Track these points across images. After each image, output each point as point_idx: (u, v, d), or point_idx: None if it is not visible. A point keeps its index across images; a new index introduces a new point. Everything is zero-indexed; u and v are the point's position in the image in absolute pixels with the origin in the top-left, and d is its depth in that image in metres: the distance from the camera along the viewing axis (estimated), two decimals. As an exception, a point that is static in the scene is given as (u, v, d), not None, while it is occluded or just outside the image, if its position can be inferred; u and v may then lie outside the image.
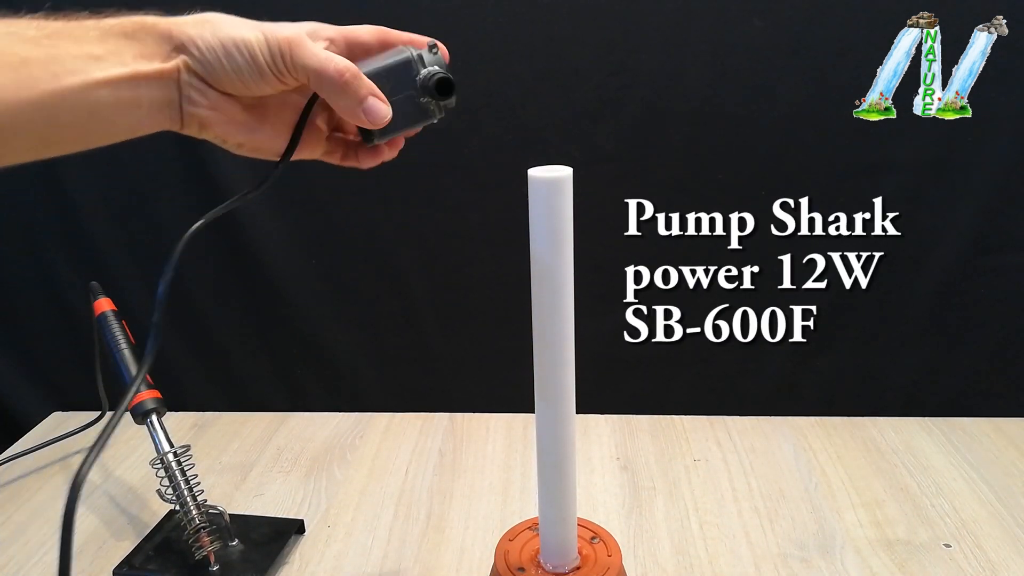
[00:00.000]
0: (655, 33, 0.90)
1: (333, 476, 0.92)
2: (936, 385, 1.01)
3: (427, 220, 0.99)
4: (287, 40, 0.44)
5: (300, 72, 0.45)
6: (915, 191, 0.93)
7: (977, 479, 0.87)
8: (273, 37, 0.44)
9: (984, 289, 0.96)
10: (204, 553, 0.72)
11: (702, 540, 0.79)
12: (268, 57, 0.44)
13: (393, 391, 1.07)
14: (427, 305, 1.03)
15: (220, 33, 0.43)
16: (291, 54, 0.44)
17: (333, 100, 0.46)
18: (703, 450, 0.95)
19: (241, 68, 0.44)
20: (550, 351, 0.52)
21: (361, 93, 0.46)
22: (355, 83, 0.46)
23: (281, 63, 0.44)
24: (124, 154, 0.99)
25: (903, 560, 0.75)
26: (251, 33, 0.43)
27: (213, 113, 0.45)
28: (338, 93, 0.46)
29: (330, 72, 0.45)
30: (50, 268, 1.03)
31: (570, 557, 0.56)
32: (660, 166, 0.95)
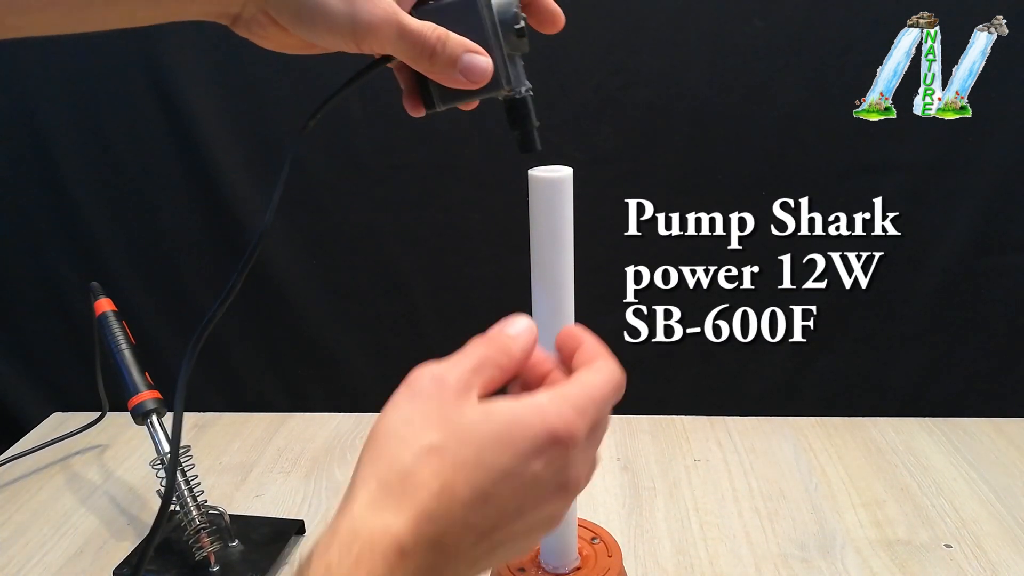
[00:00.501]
0: (655, 33, 0.90)
1: (333, 477, 0.92)
2: (936, 385, 1.01)
3: (427, 220, 0.99)
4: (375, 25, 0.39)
5: (390, 50, 0.40)
6: (915, 191, 0.93)
7: (977, 479, 0.87)
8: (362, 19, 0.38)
9: (984, 289, 0.96)
10: (204, 554, 0.72)
11: (702, 540, 0.79)
12: (351, 38, 0.39)
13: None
14: (427, 305, 1.03)
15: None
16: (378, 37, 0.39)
17: (427, 71, 0.41)
18: (703, 450, 0.95)
19: (313, 32, 0.39)
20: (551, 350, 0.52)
21: (454, 53, 0.40)
22: (447, 46, 0.40)
23: (368, 45, 0.39)
24: (124, 154, 0.99)
25: (903, 560, 0.75)
26: (337, 7, 0.38)
27: (267, 41, 0.42)
28: (431, 61, 0.40)
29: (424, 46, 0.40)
30: (50, 268, 1.03)
31: (570, 558, 0.56)
32: (660, 166, 0.95)
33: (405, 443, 0.32)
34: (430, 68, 0.41)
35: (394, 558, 0.29)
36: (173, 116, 0.96)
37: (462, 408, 0.33)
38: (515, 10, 0.41)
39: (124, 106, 0.97)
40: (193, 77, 0.95)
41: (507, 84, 0.42)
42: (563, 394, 0.34)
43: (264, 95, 0.96)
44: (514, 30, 0.41)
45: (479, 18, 0.41)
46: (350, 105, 0.94)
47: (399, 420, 0.34)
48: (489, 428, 0.32)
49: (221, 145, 0.97)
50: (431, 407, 0.33)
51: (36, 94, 0.97)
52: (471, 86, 0.41)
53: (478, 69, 0.41)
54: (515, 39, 0.42)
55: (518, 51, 0.43)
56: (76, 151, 0.99)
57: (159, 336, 1.04)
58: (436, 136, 0.95)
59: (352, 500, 0.31)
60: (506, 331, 0.38)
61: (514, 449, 0.32)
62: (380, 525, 0.30)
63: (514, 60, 0.43)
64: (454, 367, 0.35)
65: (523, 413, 0.33)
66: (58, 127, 0.98)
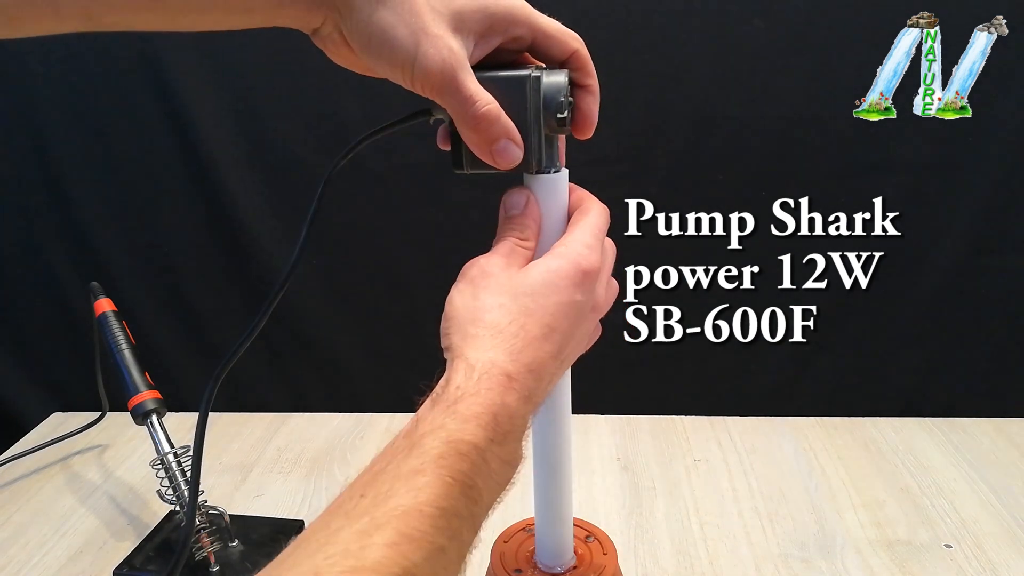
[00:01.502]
0: (655, 33, 0.90)
1: (333, 477, 0.92)
2: (936, 385, 1.01)
3: (427, 220, 0.99)
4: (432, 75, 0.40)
5: (439, 101, 0.42)
6: (915, 191, 0.93)
7: (977, 479, 0.87)
8: (422, 64, 0.39)
9: (984, 289, 0.96)
10: (204, 554, 0.72)
11: (702, 540, 0.79)
12: (409, 74, 0.40)
13: (393, 391, 1.07)
14: (427, 305, 1.02)
15: (376, 21, 0.39)
16: (433, 85, 0.40)
17: (465, 135, 0.43)
18: (703, 450, 0.95)
19: (379, 63, 0.40)
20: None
21: (496, 135, 0.42)
22: (494, 126, 0.42)
23: (419, 86, 0.41)
24: (124, 154, 0.99)
25: (903, 560, 0.75)
26: (404, 40, 0.39)
27: (340, 59, 0.43)
28: (472, 129, 0.42)
29: (469, 114, 0.41)
30: (50, 268, 1.03)
31: (566, 557, 0.56)
32: (660, 166, 0.95)
33: (480, 311, 0.42)
34: (468, 134, 0.43)
35: (504, 381, 0.39)
36: (173, 116, 0.96)
37: (510, 274, 0.43)
38: (562, 98, 0.43)
39: (124, 106, 0.97)
40: (193, 77, 0.95)
41: (537, 165, 0.44)
42: (576, 238, 0.44)
43: (264, 96, 0.96)
44: (556, 118, 0.43)
45: (524, 99, 0.42)
46: (350, 105, 0.94)
47: (466, 304, 0.44)
48: (536, 279, 0.42)
49: (221, 145, 0.97)
50: (488, 283, 0.43)
51: (36, 94, 0.97)
52: (496, 167, 0.44)
53: (509, 157, 0.43)
54: (556, 125, 0.43)
55: (557, 134, 0.45)
56: (76, 151, 0.99)
57: (159, 336, 1.04)
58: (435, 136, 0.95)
59: (459, 355, 0.42)
60: (511, 212, 0.47)
61: (558, 288, 0.42)
62: (488, 359, 0.40)
63: (552, 142, 0.45)
64: (491, 258, 0.45)
65: (554, 262, 0.43)
66: (58, 127, 0.98)
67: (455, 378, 0.40)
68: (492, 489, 0.39)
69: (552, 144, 0.45)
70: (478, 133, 0.42)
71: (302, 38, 0.44)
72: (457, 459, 0.36)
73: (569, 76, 0.43)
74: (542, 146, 0.44)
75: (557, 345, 0.42)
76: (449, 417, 0.38)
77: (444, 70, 0.40)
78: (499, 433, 0.38)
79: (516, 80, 0.42)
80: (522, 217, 0.47)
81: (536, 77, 0.42)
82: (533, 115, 0.43)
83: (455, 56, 0.40)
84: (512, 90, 0.42)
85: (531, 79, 0.42)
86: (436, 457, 0.36)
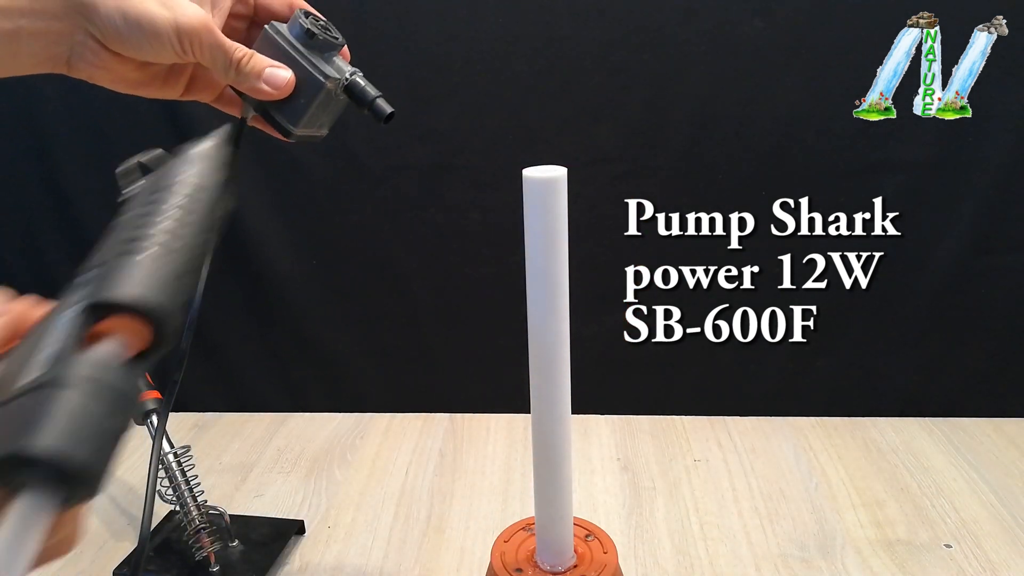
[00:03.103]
0: (655, 33, 0.90)
1: (333, 477, 0.92)
2: (936, 385, 1.01)
3: (427, 220, 0.99)
4: (196, 29, 0.42)
5: (205, 58, 0.44)
6: (915, 191, 0.93)
7: (977, 479, 0.87)
8: (184, 23, 0.42)
9: (984, 289, 0.96)
10: (204, 554, 0.72)
11: (702, 540, 0.79)
12: (175, 41, 0.42)
13: (393, 391, 1.07)
14: (427, 305, 1.03)
15: (125, 5, 0.41)
16: (199, 43, 0.43)
17: (233, 81, 0.46)
18: (703, 450, 0.95)
19: (142, 45, 0.42)
20: (545, 351, 0.52)
21: (258, 68, 0.46)
22: (254, 58, 0.45)
23: (188, 48, 0.43)
24: (124, 154, 0.99)
25: (903, 560, 0.75)
26: (159, 12, 0.42)
27: (103, 71, 0.44)
28: (239, 72, 0.45)
29: (231, 58, 0.44)
30: (50, 268, 1.03)
31: (567, 556, 0.56)
32: (660, 166, 0.95)
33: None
34: (237, 79, 0.45)
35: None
36: (173, 116, 0.96)
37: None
38: (300, 23, 0.46)
39: (124, 106, 0.97)
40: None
41: (326, 79, 0.46)
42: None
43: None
44: (308, 41, 0.46)
45: (276, 43, 0.46)
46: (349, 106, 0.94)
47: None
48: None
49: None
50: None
51: (36, 94, 0.97)
52: (277, 95, 0.46)
53: (279, 79, 0.46)
54: (317, 44, 0.46)
55: (327, 51, 0.47)
56: (76, 151, 0.99)
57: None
58: (436, 136, 0.95)
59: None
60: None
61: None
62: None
63: (329, 59, 0.47)
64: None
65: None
66: (58, 127, 0.98)
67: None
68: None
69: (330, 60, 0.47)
70: (243, 72, 0.45)
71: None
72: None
73: (304, 11, 0.47)
74: (317, 65, 0.46)
75: None
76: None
77: (206, 24, 0.43)
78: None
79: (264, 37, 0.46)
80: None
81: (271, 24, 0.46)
82: (291, 49, 0.46)
83: (207, 16, 0.43)
84: (270, 46, 0.46)
85: (270, 26, 0.46)
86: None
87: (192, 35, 0.42)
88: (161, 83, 0.47)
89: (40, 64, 0.42)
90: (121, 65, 0.44)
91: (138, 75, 0.45)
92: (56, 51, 0.42)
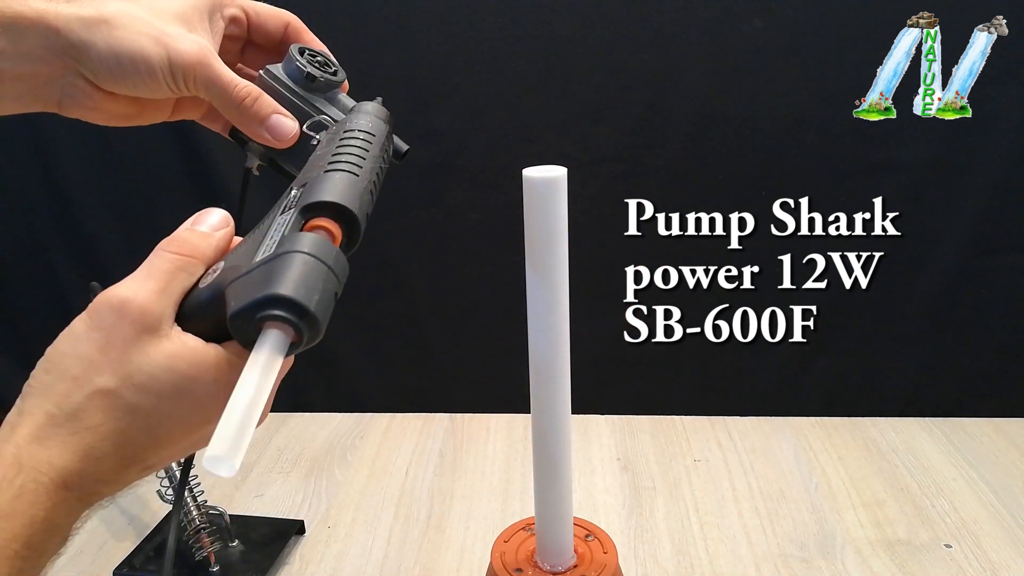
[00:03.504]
0: (655, 33, 0.90)
1: (333, 477, 0.92)
2: (936, 385, 1.01)
3: (427, 220, 0.99)
4: (191, 65, 0.40)
5: (203, 94, 0.42)
6: (915, 191, 0.93)
7: (977, 479, 0.87)
8: (177, 57, 0.40)
9: (984, 289, 0.96)
10: (204, 554, 0.72)
11: (702, 540, 0.79)
12: (168, 76, 0.40)
13: (393, 391, 1.07)
14: (427, 305, 1.03)
15: (116, 44, 0.39)
16: (195, 76, 0.41)
17: (236, 121, 0.43)
18: (703, 450, 0.95)
19: (136, 83, 0.40)
20: (546, 351, 0.52)
21: (263, 113, 0.43)
22: (259, 101, 0.43)
23: (183, 84, 0.41)
24: (124, 154, 0.99)
25: (903, 560, 0.75)
26: (152, 49, 0.39)
27: (96, 112, 0.43)
28: (241, 111, 0.43)
29: (232, 97, 0.42)
30: (50, 268, 1.03)
31: (567, 556, 0.56)
32: (660, 166, 0.95)
33: (78, 383, 0.32)
34: (239, 120, 0.43)
35: (56, 492, 0.30)
36: (173, 116, 0.96)
37: (144, 348, 0.32)
38: (298, 64, 0.44)
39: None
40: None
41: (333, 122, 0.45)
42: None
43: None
44: (309, 85, 0.45)
45: (275, 90, 0.44)
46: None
47: (75, 356, 0.33)
48: (170, 380, 0.32)
49: (221, 145, 0.97)
50: (110, 344, 0.32)
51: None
52: (279, 145, 0.43)
53: (284, 129, 0.43)
54: (319, 87, 0.45)
55: (329, 91, 0.45)
56: (76, 151, 0.99)
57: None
58: (436, 136, 0.95)
59: (18, 427, 0.31)
60: (199, 229, 0.38)
61: (194, 401, 0.32)
62: (44, 458, 0.30)
63: (333, 98, 0.46)
64: (140, 291, 0.34)
65: (208, 371, 0.33)
66: (58, 127, 0.98)
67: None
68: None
69: (335, 100, 0.46)
70: (247, 114, 0.42)
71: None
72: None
73: (298, 47, 0.45)
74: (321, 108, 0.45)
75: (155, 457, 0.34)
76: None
77: (201, 59, 0.40)
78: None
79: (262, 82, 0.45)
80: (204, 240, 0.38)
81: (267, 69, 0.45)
82: (292, 95, 0.45)
83: (205, 47, 0.41)
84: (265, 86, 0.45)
85: (266, 71, 0.45)
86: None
87: (187, 70, 0.40)
88: (152, 111, 0.46)
89: (28, 105, 0.41)
90: (113, 103, 0.42)
91: (130, 109, 0.44)
92: (45, 93, 0.41)
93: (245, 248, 0.35)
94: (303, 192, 0.35)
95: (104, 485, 0.32)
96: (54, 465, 0.30)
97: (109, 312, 0.33)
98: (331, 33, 0.82)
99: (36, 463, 0.30)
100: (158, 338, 0.33)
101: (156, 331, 0.33)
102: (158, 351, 0.32)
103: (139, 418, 0.32)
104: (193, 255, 0.36)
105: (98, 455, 0.31)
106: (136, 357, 0.32)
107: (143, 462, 0.33)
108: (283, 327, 0.30)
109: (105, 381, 0.32)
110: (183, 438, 0.33)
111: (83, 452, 0.31)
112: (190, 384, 0.32)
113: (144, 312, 0.33)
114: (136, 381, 0.32)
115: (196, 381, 0.32)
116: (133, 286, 0.34)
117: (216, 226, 0.38)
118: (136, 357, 0.32)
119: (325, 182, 0.35)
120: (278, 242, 0.32)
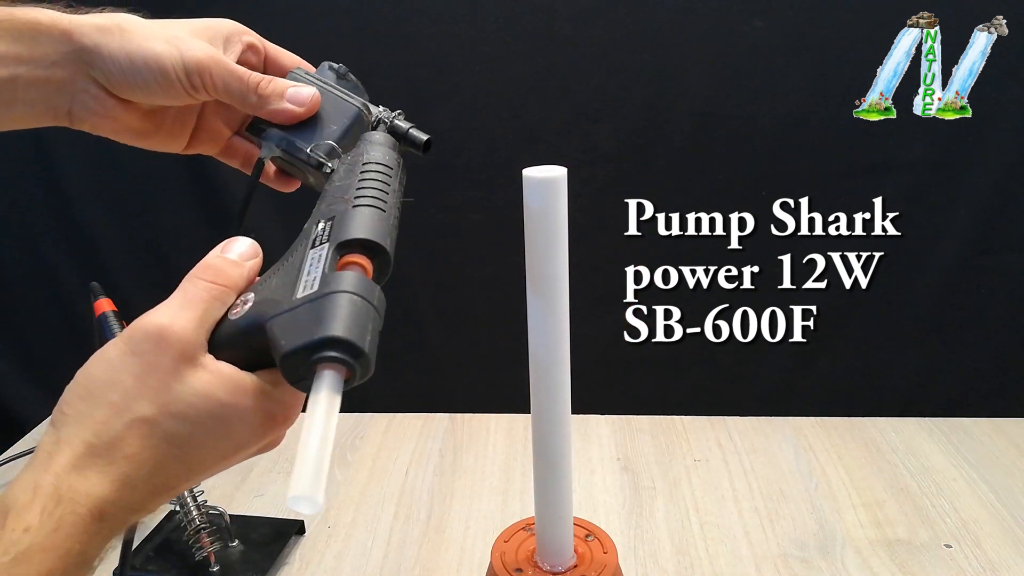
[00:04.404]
0: (655, 33, 0.90)
1: (333, 477, 0.92)
2: (936, 385, 1.01)
3: (427, 220, 0.99)
4: (204, 63, 0.41)
5: (219, 91, 0.42)
6: (915, 191, 0.93)
7: (977, 479, 0.87)
8: (191, 57, 0.40)
9: (984, 289, 0.96)
10: (204, 554, 0.72)
11: (702, 540, 0.79)
12: (183, 77, 0.41)
13: (393, 391, 1.07)
14: (427, 305, 1.03)
15: (129, 47, 0.40)
16: (211, 75, 0.41)
17: (255, 107, 0.44)
18: (703, 450, 0.95)
19: (149, 84, 0.41)
20: (546, 351, 0.52)
21: (280, 88, 0.44)
22: (272, 84, 0.44)
23: (199, 83, 0.41)
24: (124, 154, 0.99)
25: (903, 560, 0.75)
26: (164, 50, 0.40)
27: (107, 120, 0.43)
28: (260, 98, 0.44)
29: (249, 83, 0.43)
30: (50, 268, 1.03)
31: (566, 556, 0.56)
32: (660, 166, 0.95)
33: (116, 410, 0.32)
34: (258, 103, 0.44)
35: (92, 524, 0.30)
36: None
37: (183, 377, 0.32)
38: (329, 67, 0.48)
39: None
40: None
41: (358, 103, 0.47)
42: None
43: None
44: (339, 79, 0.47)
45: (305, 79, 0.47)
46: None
47: (112, 383, 0.33)
48: (208, 408, 0.32)
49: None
50: (149, 372, 0.32)
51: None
52: (303, 112, 0.45)
53: (302, 95, 0.44)
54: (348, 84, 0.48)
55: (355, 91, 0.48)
56: (76, 151, 0.99)
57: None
58: (436, 136, 0.95)
59: (56, 456, 0.31)
60: (230, 258, 0.38)
61: (229, 430, 0.33)
62: (83, 489, 0.30)
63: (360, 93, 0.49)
64: (177, 319, 0.33)
65: (245, 400, 0.33)
66: (58, 127, 0.98)
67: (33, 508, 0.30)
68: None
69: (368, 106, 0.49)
70: (264, 93, 0.43)
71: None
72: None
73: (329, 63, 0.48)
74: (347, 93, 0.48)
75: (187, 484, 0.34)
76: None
77: (213, 57, 0.41)
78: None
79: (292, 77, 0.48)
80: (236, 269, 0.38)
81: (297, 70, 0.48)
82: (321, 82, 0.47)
83: (215, 50, 0.42)
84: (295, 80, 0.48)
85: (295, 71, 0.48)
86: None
87: (201, 69, 0.41)
88: (166, 133, 0.46)
89: (39, 116, 0.41)
90: (126, 113, 0.43)
91: (143, 124, 0.44)
92: (57, 101, 0.41)
93: (278, 281, 0.35)
94: (333, 227, 0.36)
95: (133, 514, 0.32)
96: (92, 496, 0.30)
97: (146, 339, 0.33)
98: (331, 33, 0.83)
99: (75, 495, 0.30)
100: (196, 367, 0.33)
101: (194, 360, 0.33)
102: (197, 380, 0.33)
103: (175, 446, 0.32)
104: (228, 285, 0.36)
105: (133, 483, 0.31)
106: (175, 386, 0.32)
107: (174, 489, 0.33)
108: (339, 368, 0.32)
109: (144, 409, 0.32)
110: (214, 465, 0.34)
111: (120, 481, 0.31)
112: (227, 412, 0.33)
113: (183, 341, 0.33)
114: (174, 410, 0.32)
115: (234, 409, 0.33)
116: (170, 313, 0.34)
117: (246, 255, 0.38)
118: (175, 386, 0.32)
119: (356, 217, 0.36)
120: (319, 279, 0.33)
